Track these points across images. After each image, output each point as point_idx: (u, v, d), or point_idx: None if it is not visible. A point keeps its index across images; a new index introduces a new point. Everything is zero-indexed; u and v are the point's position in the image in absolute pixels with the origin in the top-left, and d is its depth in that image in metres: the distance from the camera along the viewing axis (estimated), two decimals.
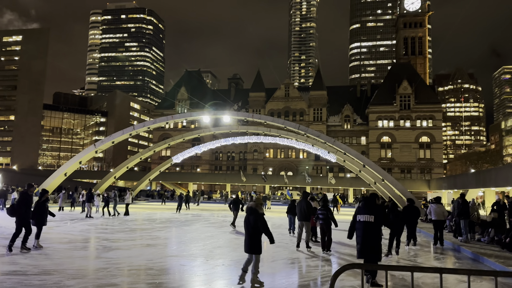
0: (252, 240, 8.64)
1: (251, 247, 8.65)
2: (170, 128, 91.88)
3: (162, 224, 22.08)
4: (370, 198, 9.18)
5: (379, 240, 8.81)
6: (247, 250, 8.74)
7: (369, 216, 8.74)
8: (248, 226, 8.77)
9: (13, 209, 12.11)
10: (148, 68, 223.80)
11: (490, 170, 41.39)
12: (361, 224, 8.81)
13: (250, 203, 9.26)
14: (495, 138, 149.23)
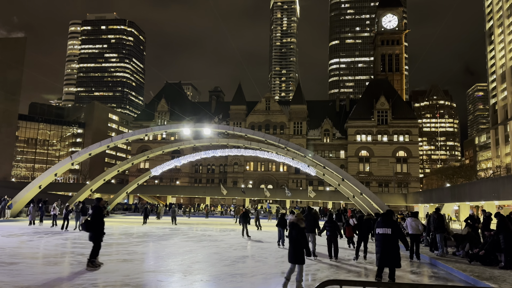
0: (295, 252, 9.46)
1: (295, 258, 9.46)
2: (149, 140, 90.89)
3: (139, 239, 21.65)
4: (387, 214, 10.60)
5: (398, 249, 10.21)
6: (291, 261, 9.53)
7: (387, 229, 10.15)
8: (291, 239, 9.63)
9: (89, 224, 12.13)
10: (127, 80, 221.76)
11: (465, 185, 42.49)
12: (380, 236, 10.19)
13: (292, 218, 10.10)
14: (469, 153, 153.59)
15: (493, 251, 13.77)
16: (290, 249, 9.62)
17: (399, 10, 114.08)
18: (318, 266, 13.94)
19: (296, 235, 9.58)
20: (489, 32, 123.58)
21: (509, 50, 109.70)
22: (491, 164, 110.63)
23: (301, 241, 9.52)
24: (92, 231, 12.08)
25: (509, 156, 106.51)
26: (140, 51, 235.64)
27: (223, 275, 11.73)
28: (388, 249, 10.08)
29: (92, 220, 12.18)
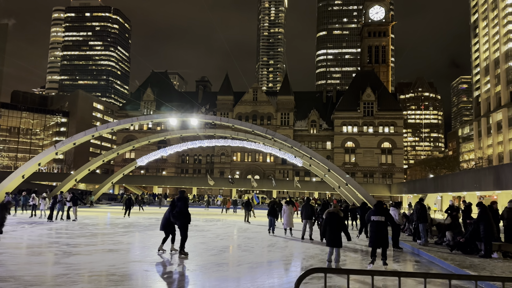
0: (334, 237, 11.15)
1: (334, 242, 11.19)
2: (135, 130, 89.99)
3: (125, 229, 21.55)
4: (379, 205, 12.28)
5: (387, 232, 12.06)
6: (330, 245, 11.31)
7: (380, 217, 11.74)
8: (332, 226, 11.29)
9: (178, 215, 13.01)
10: (112, 68, 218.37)
11: (448, 176, 43.31)
12: (375, 223, 11.74)
13: (331, 209, 11.89)
14: (452, 145, 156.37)
15: (474, 240, 14.12)
16: (330, 235, 11.24)
17: (386, 1, 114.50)
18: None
19: (336, 223, 11.28)
20: (474, 25, 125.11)
21: (493, 43, 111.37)
22: (473, 155, 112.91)
23: (341, 228, 11.32)
24: (182, 222, 13.04)
25: (491, 148, 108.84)
26: (126, 39, 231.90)
27: (209, 265, 11.79)
28: (381, 233, 11.67)
29: (181, 211, 13.07)
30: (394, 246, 16.17)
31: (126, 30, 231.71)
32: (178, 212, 13.01)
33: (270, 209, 21.42)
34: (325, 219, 11.63)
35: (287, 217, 19.45)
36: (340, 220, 11.43)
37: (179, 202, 13.21)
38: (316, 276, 9.71)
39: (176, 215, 12.99)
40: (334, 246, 11.29)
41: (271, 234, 20.37)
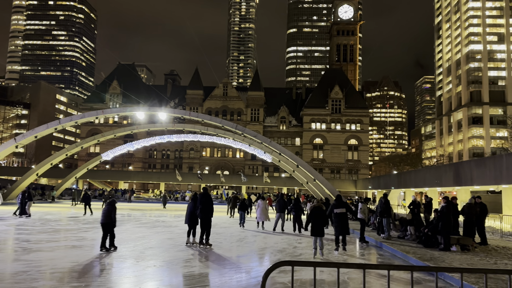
0: (319, 228, 12.43)
1: (318, 232, 12.45)
2: (100, 124, 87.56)
3: (89, 225, 20.97)
4: (339, 199, 14.23)
5: (348, 222, 14.15)
6: (315, 235, 12.54)
7: (342, 209, 13.78)
8: (316, 218, 12.58)
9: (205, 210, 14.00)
10: (77, 59, 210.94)
11: (410, 172, 44.81)
12: (337, 214, 13.72)
13: (315, 204, 13.76)
14: (415, 142, 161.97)
15: (434, 234, 14.71)
16: (314, 226, 12.50)
17: (355, 1, 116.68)
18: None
19: (320, 216, 12.65)
20: (438, 27, 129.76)
21: (455, 45, 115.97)
22: (435, 153, 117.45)
23: (323, 220, 12.68)
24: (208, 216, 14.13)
25: (452, 146, 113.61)
26: (91, 29, 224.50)
27: (177, 260, 11.68)
28: (343, 223, 13.68)
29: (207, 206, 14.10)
30: (360, 240, 16.57)
31: (92, 20, 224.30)
32: (204, 207, 14.06)
33: (240, 204, 22.48)
34: (310, 212, 12.99)
35: (261, 211, 20.80)
36: (323, 213, 12.99)
37: (204, 198, 14.25)
38: (284, 270, 9.83)
39: (204, 210, 14.04)
40: (318, 236, 12.54)
41: (242, 228, 21.18)
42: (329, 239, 17.36)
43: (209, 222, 14.18)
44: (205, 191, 14.81)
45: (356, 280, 9.57)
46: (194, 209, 14.19)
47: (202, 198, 14.26)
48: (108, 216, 12.80)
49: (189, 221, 14.32)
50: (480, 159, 28.81)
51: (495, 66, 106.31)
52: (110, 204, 12.98)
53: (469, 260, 12.00)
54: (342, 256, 13.43)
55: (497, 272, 4.72)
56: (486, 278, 4.10)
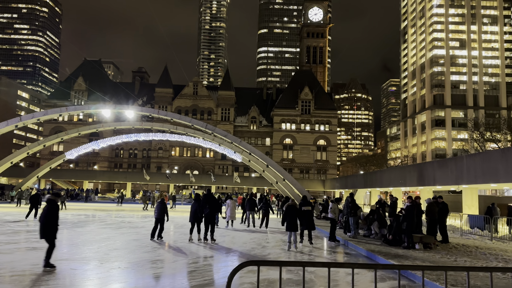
0: (293, 224, 13.98)
1: (293, 227, 13.99)
2: (64, 121, 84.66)
3: None
4: (305, 198, 16.18)
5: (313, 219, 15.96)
6: (290, 230, 14.06)
7: (308, 207, 15.55)
8: (291, 216, 14.10)
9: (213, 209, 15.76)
10: (40, 54, 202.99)
11: (376, 172, 45.94)
12: (304, 212, 15.30)
13: (290, 203, 14.92)
14: (381, 143, 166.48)
15: (399, 233, 15.13)
16: (289, 223, 14.02)
17: (324, 4, 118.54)
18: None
19: (294, 214, 14.20)
20: (404, 32, 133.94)
21: (420, 49, 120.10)
22: (400, 153, 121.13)
23: (297, 217, 14.38)
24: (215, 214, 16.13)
25: (416, 147, 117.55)
26: (56, 24, 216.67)
27: (143, 262, 11.43)
28: (309, 219, 15.29)
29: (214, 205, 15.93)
30: (330, 239, 16.73)
31: (56, 14, 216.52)
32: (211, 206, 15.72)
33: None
34: (285, 210, 14.54)
35: (230, 210, 21.37)
36: (297, 211, 14.59)
37: (210, 198, 16.03)
38: (252, 269, 9.81)
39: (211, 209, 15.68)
40: (293, 231, 14.06)
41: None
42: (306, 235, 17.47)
43: (214, 219, 16.01)
44: (209, 192, 16.75)
45: (323, 278, 9.69)
46: (198, 208, 15.60)
47: (208, 198, 16.00)
48: (162, 212, 15.55)
49: (193, 219, 15.67)
50: (442, 160, 29.95)
51: (457, 70, 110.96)
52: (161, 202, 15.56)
53: (431, 257, 12.41)
54: (310, 254, 13.59)
55: (456, 269, 4.89)
56: (446, 275, 4.23)
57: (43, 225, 10.08)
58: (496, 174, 19.79)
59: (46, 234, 10.09)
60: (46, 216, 10.20)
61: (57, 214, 10.40)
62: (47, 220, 10.16)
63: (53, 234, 10.16)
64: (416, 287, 9.09)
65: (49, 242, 10.02)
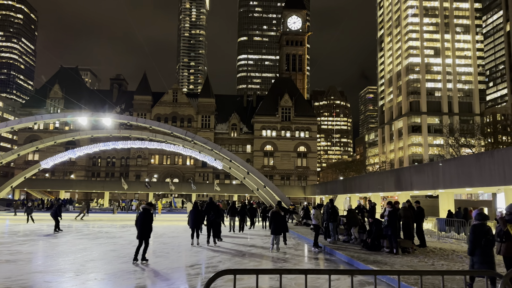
0: (277, 228, 15.73)
1: (277, 231, 15.74)
2: (39, 130, 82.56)
3: (26, 237, 19.59)
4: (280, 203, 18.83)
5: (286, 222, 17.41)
6: (274, 233, 15.72)
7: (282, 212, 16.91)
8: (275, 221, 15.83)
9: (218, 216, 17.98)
10: (15, 61, 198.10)
11: (355, 178, 46.51)
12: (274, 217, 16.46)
13: (274, 209, 16.57)
14: (360, 149, 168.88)
15: (378, 238, 15.29)
16: (274, 227, 15.67)
17: (303, 12, 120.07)
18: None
19: (278, 219, 15.92)
20: (380, 40, 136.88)
21: (396, 57, 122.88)
22: (378, 159, 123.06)
23: (281, 222, 16.02)
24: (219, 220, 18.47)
25: (393, 153, 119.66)
26: (31, 30, 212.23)
27: (120, 273, 11.17)
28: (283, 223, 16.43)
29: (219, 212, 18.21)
30: (314, 246, 16.60)
31: (32, 21, 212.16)
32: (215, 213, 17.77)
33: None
34: (271, 216, 16.27)
35: None
36: (280, 217, 16.17)
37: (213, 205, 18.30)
38: (231, 278, 9.71)
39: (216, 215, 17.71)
40: (277, 234, 15.78)
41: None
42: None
43: (217, 224, 17.95)
44: (211, 200, 18.77)
45: (303, 285, 9.68)
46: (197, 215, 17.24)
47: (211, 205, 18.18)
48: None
49: (193, 225, 17.27)
50: (419, 165, 30.57)
51: (432, 78, 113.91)
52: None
53: (409, 262, 12.59)
54: (291, 260, 13.57)
55: (431, 273, 4.96)
56: (422, 280, 4.28)
57: (141, 229, 12.71)
58: (470, 179, 20.32)
59: (143, 236, 12.75)
60: (143, 221, 12.78)
61: (151, 219, 13.26)
62: (144, 225, 12.77)
63: (149, 235, 12.91)
64: None
65: (145, 242, 12.83)
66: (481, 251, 8.15)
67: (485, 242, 8.12)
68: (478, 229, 8.30)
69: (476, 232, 8.27)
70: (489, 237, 8.19)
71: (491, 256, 8.20)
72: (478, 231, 8.26)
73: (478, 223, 8.41)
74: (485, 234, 8.20)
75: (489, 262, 8.11)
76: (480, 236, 8.17)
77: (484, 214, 8.65)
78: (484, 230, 8.25)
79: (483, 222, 8.44)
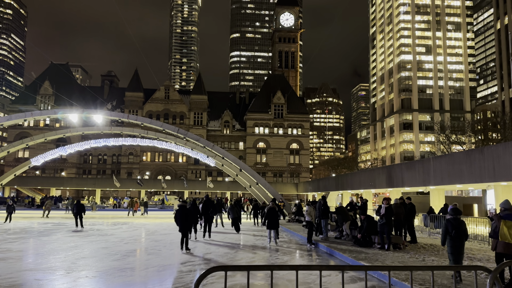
0: (273, 223, 16.78)
1: (273, 226, 16.82)
2: (29, 126, 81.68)
3: (16, 235, 19.41)
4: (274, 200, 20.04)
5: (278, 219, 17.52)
6: (270, 228, 16.86)
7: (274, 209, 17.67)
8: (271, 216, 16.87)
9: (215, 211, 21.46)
10: (4, 57, 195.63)
11: (347, 175, 46.71)
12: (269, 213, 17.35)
13: (270, 205, 17.79)
14: (352, 146, 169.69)
15: (369, 234, 15.39)
16: (269, 222, 16.79)
17: (295, 9, 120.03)
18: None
19: (274, 214, 16.98)
20: (372, 37, 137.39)
21: (388, 55, 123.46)
22: (369, 156, 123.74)
23: (276, 218, 17.04)
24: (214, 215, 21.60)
25: (385, 150, 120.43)
26: (21, 26, 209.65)
27: (112, 270, 11.12)
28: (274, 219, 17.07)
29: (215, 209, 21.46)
30: (308, 242, 16.65)
31: (21, 16, 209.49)
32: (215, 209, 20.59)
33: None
34: (267, 212, 17.23)
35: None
36: (275, 212, 17.26)
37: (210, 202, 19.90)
38: (223, 275, 9.72)
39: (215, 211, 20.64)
40: (273, 229, 16.83)
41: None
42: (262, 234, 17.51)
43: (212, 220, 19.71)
44: (207, 197, 20.34)
45: (294, 281, 9.72)
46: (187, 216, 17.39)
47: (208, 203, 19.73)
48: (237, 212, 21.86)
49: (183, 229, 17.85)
50: (410, 162, 30.80)
51: (424, 75, 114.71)
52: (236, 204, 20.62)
53: (400, 258, 12.70)
54: (283, 257, 13.62)
55: (421, 269, 5.00)
56: (412, 275, 4.32)
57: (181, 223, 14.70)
58: (461, 175, 20.52)
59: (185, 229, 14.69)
60: (182, 216, 14.71)
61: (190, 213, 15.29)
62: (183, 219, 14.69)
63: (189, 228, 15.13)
64: (386, 287, 9.26)
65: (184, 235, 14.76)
66: (451, 242, 9.09)
67: (454, 234, 9.02)
68: (450, 222, 9.17)
69: (447, 225, 9.17)
70: (459, 230, 9.07)
71: (460, 247, 9.14)
72: (450, 224, 9.14)
73: (451, 217, 9.27)
74: (456, 227, 9.08)
75: (458, 252, 9.12)
76: (451, 229, 9.07)
77: (458, 209, 9.50)
78: (456, 224, 9.12)
79: (455, 216, 9.26)
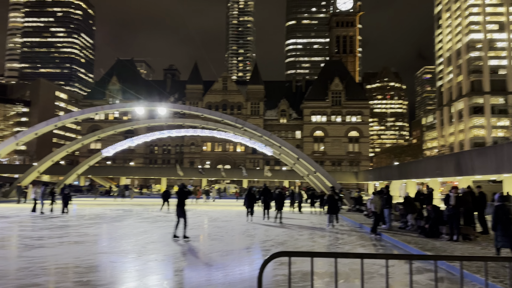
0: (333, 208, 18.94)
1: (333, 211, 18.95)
2: (100, 120, 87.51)
3: (91, 220, 21.05)
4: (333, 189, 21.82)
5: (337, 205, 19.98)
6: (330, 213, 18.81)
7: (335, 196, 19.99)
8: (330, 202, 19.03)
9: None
10: (76, 56, 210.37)
11: (411, 163, 44.75)
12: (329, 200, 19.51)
13: (329, 193, 20.15)
14: (416, 133, 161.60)
15: (436, 225, 14.67)
16: (329, 207, 18.74)
17: None
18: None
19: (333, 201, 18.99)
20: (438, 17, 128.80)
21: (455, 35, 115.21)
22: (436, 143, 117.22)
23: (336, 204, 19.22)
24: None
25: (453, 136, 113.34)
26: (90, 25, 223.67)
27: (178, 254, 11.71)
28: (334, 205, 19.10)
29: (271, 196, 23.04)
30: (372, 232, 15.94)
31: (90, 16, 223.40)
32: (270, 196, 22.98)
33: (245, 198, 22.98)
34: (327, 198, 19.62)
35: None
36: (334, 199, 19.12)
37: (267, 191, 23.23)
38: (285, 262, 9.83)
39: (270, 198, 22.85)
40: (332, 213, 18.68)
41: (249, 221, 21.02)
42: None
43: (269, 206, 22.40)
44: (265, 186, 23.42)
45: (358, 270, 9.58)
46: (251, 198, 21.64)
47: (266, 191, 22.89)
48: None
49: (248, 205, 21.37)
50: (481, 148, 28.75)
51: (496, 55, 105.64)
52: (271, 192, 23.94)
53: (471, 249, 12.00)
54: (344, 246, 13.46)
55: (497, 259, 4.70)
56: (486, 266, 4.09)
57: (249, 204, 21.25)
58: None
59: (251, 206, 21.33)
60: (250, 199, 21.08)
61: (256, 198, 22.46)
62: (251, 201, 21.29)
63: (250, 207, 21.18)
64: (456, 279, 8.81)
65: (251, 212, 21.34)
66: (501, 226, 9.75)
67: (505, 220, 9.69)
68: (499, 208, 9.85)
69: (497, 212, 9.87)
70: (509, 215, 9.76)
71: (510, 231, 9.76)
72: (499, 210, 9.82)
73: (499, 204, 9.98)
74: (505, 213, 9.77)
75: (509, 235, 9.74)
76: (500, 215, 9.74)
77: (505, 196, 10.56)
78: (504, 210, 9.82)
79: (503, 203, 10.04)
